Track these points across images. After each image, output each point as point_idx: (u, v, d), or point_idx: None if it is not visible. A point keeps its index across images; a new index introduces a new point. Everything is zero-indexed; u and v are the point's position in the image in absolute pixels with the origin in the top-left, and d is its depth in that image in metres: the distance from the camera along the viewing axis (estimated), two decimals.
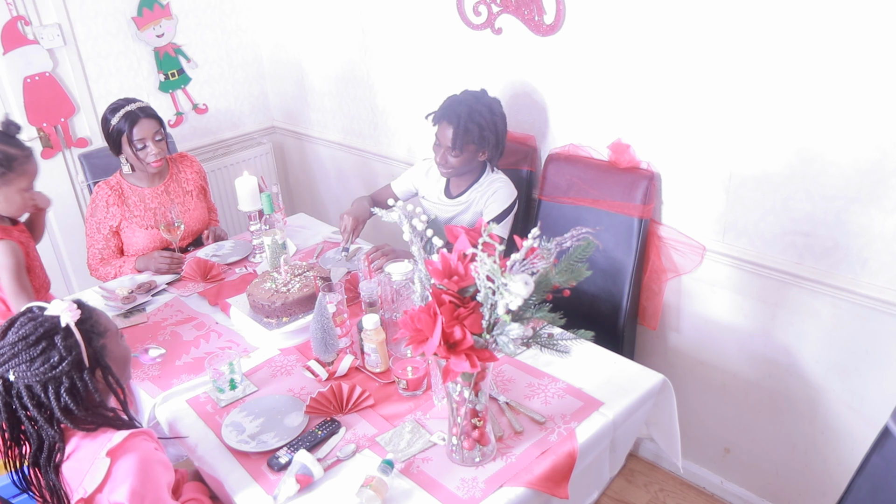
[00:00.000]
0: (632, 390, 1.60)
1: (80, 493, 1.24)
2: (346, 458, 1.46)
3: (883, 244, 1.67)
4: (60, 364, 1.23)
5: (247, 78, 3.46)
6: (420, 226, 1.35)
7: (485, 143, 2.09)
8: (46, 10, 2.77)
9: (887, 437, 1.36)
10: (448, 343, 1.20)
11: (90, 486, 1.23)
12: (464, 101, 2.09)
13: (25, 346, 1.22)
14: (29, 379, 1.22)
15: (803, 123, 1.71)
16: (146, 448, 1.28)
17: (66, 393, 1.24)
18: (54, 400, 1.23)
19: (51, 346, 1.23)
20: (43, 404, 1.24)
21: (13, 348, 1.22)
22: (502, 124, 2.13)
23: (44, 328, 1.24)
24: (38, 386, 1.23)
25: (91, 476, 1.23)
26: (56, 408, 1.24)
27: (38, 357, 1.22)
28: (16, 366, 1.22)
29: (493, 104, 2.12)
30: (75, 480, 1.26)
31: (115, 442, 1.24)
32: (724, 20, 1.76)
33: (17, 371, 1.22)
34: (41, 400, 1.23)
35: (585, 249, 1.26)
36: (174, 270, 2.28)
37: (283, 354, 1.85)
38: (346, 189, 3.36)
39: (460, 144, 2.07)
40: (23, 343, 1.23)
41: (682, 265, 2.08)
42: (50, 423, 1.25)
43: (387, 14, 2.69)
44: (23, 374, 1.22)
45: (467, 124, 2.05)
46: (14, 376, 1.22)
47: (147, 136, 2.31)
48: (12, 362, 1.22)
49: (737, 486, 2.25)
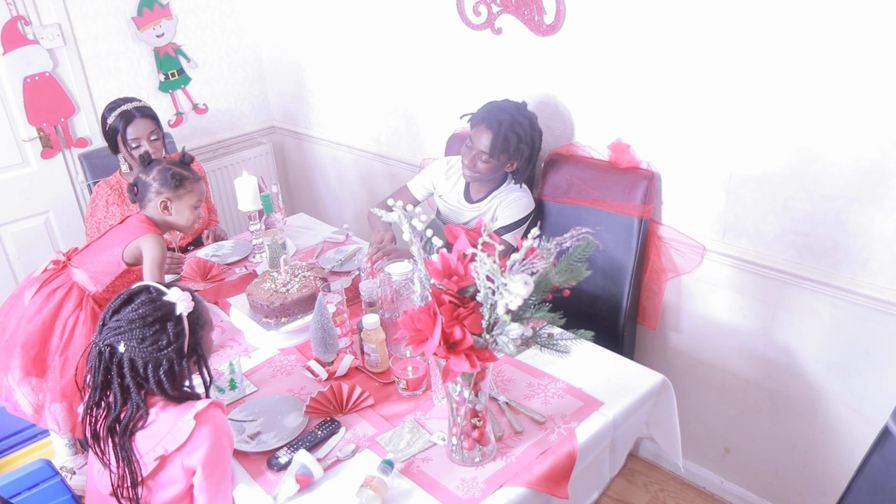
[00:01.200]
0: (632, 390, 1.60)
1: (158, 451, 1.33)
2: (346, 458, 1.46)
3: (883, 244, 1.67)
4: (167, 348, 1.35)
5: (247, 78, 3.46)
6: (420, 226, 1.35)
7: (519, 155, 2.08)
8: (46, 10, 2.77)
9: (887, 437, 1.36)
10: (448, 343, 1.20)
11: (171, 445, 1.33)
12: (506, 110, 2.06)
13: (141, 325, 1.34)
14: (135, 354, 1.33)
15: (803, 123, 1.71)
16: (222, 419, 1.39)
17: (164, 373, 1.35)
18: (152, 376, 1.34)
19: (162, 330, 1.35)
20: (140, 378, 1.35)
21: (130, 324, 1.34)
22: (539, 141, 2.13)
23: (161, 312, 1.36)
24: (141, 361, 1.34)
25: (173, 436, 1.33)
26: (153, 383, 1.35)
27: (149, 337, 1.34)
28: (128, 340, 1.33)
29: (534, 119, 2.12)
30: (149, 444, 1.34)
31: (198, 408, 1.35)
32: (724, 20, 1.76)
33: (128, 344, 1.33)
34: (140, 373, 1.34)
35: (585, 249, 1.26)
36: (174, 270, 2.28)
37: (283, 354, 1.85)
38: (346, 189, 3.36)
39: (497, 153, 2.05)
40: (140, 321, 1.34)
41: (682, 265, 2.08)
42: (139, 392, 1.35)
43: (387, 14, 2.69)
44: (132, 348, 1.33)
45: (507, 133, 2.02)
46: (123, 348, 1.33)
47: (142, 136, 2.30)
48: (126, 335, 1.33)
49: (737, 486, 2.25)
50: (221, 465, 1.37)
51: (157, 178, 1.97)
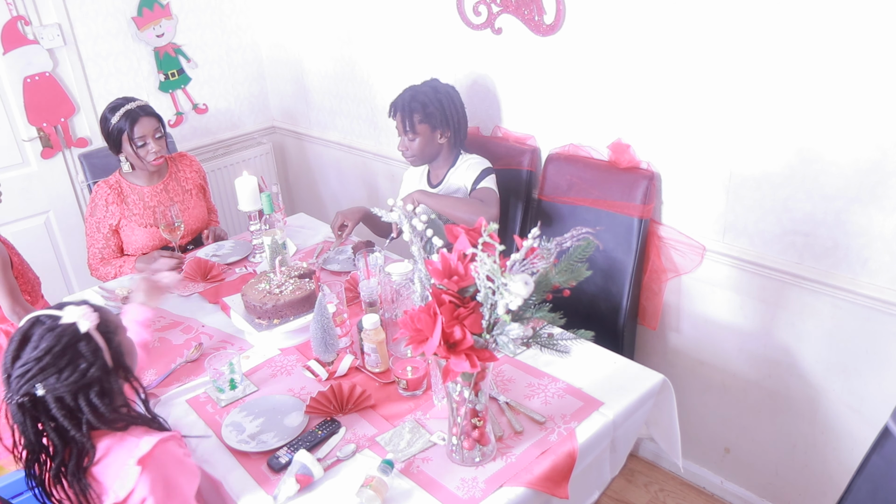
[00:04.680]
0: (632, 390, 1.60)
1: (111, 496, 1.24)
2: (346, 458, 1.46)
3: (883, 244, 1.67)
4: (90, 370, 1.23)
5: (247, 78, 3.46)
6: (420, 226, 1.35)
7: (432, 119, 2.16)
8: (46, 10, 2.77)
9: (887, 437, 1.36)
10: (448, 343, 1.20)
11: (122, 492, 1.23)
12: (409, 89, 2.20)
13: (53, 360, 1.21)
14: (59, 391, 1.21)
15: (803, 123, 1.71)
16: (173, 457, 1.28)
17: (97, 397, 1.24)
18: (86, 406, 1.23)
19: (77, 355, 1.23)
20: (73, 413, 1.23)
21: (39, 363, 1.21)
22: (449, 101, 2.18)
23: (67, 337, 1.23)
24: (69, 396, 1.22)
25: (122, 482, 1.23)
26: (88, 413, 1.23)
27: (66, 367, 1.21)
28: (44, 379, 1.20)
29: (439, 85, 2.21)
30: (107, 482, 1.25)
31: (143, 450, 1.23)
32: (724, 20, 1.77)
33: (46, 385, 1.20)
34: (72, 409, 1.23)
35: (585, 249, 1.26)
36: (174, 270, 2.27)
37: (283, 354, 1.85)
38: (346, 189, 3.36)
39: (409, 125, 2.16)
40: (49, 357, 1.21)
41: (682, 265, 2.08)
42: (79, 429, 1.24)
43: (387, 14, 2.70)
44: (52, 387, 1.21)
45: (410, 104, 2.15)
46: (43, 390, 1.21)
47: (147, 134, 2.31)
48: (40, 376, 1.20)
49: (737, 486, 2.25)
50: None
51: None
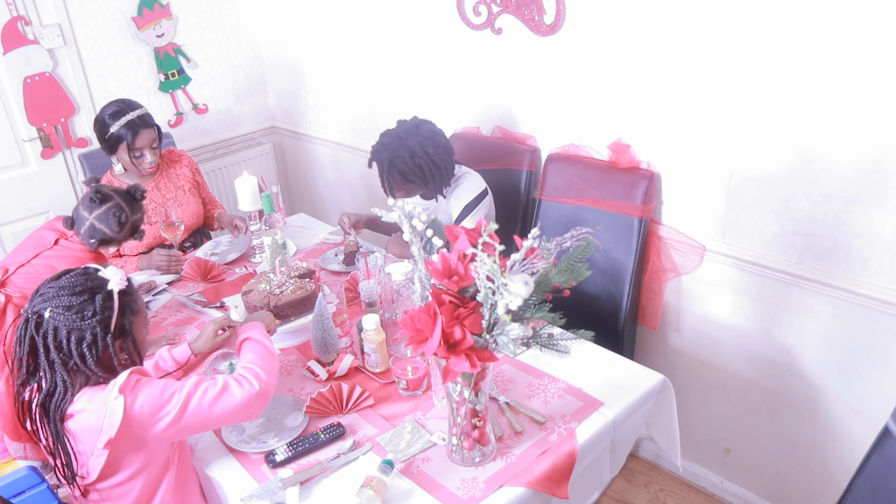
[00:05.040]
0: (632, 390, 1.60)
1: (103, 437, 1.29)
2: (347, 458, 1.46)
3: (883, 244, 1.67)
4: (91, 318, 1.32)
5: (247, 78, 3.46)
6: (420, 226, 1.35)
7: (413, 182, 2.12)
8: (46, 10, 2.77)
9: (887, 437, 1.36)
10: (448, 343, 1.20)
11: (112, 429, 1.28)
12: (387, 146, 2.10)
13: (69, 293, 1.33)
14: (59, 321, 1.31)
15: (803, 123, 1.71)
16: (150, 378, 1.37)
17: (87, 346, 1.32)
18: (75, 349, 1.32)
19: (90, 301, 1.33)
20: (62, 349, 1.32)
21: (59, 291, 1.33)
22: (428, 163, 2.09)
23: (91, 283, 1.35)
24: (64, 330, 1.31)
25: (110, 419, 1.28)
26: (76, 356, 1.32)
27: (75, 305, 1.32)
28: (54, 307, 1.31)
29: (416, 146, 2.07)
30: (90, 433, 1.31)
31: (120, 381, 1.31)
32: (724, 20, 1.76)
33: (53, 311, 1.31)
34: (62, 344, 1.31)
35: (585, 249, 1.26)
36: (174, 269, 2.28)
37: (283, 354, 1.85)
38: (346, 189, 3.36)
39: (391, 189, 2.15)
40: (69, 289, 1.33)
41: (682, 265, 2.08)
42: (65, 367, 1.32)
43: (387, 14, 2.70)
44: (56, 315, 1.31)
45: (390, 172, 2.11)
46: (49, 315, 1.31)
47: (145, 146, 2.35)
48: (53, 302, 1.32)
49: (737, 486, 2.25)
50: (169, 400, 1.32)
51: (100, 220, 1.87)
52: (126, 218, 1.88)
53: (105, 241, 1.89)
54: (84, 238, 1.88)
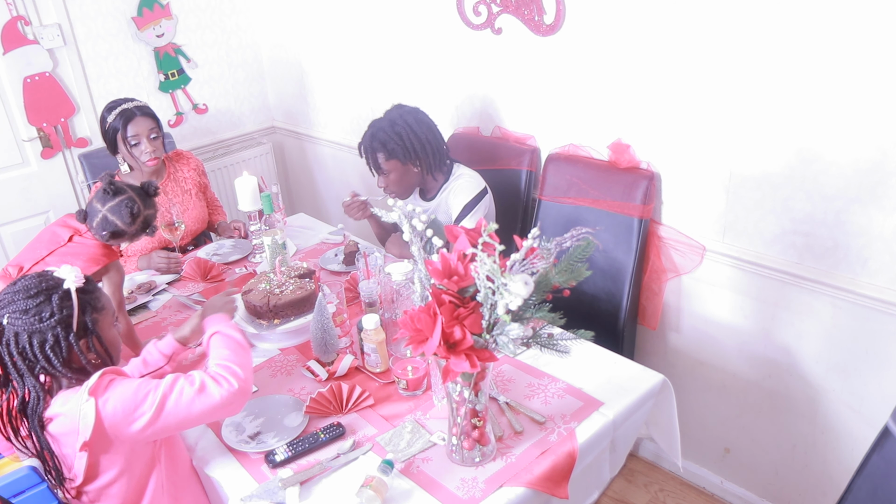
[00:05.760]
0: (632, 390, 1.60)
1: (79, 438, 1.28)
2: (347, 458, 1.46)
3: (883, 244, 1.67)
4: (49, 320, 1.29)
5: (247, 78, 3.46)
6: (420, 226, 1.35)
7: (396, 154, 2.12)
8: (46, 10, 2.77)
9: (887, 437, 1.36)
10: (448, 343, 1.20)
11: (87, 432, 1.27)
12: (370, 127, 2.16)
13: (24, 296, 1.30)
14: (18, 327, 1.28)
15: (803, 123, 1.71)
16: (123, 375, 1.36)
17: (50, 349, 1.30)
18: (39, 353, 1.29)
19: (46, 302, 1.30)
20: (27, 355, 1.29)
21: (14, 296, 1.30)
22: (408, 131, 2.11)
23: (46, 284, 1.32)
24: (25, 335, 1.29)
25: (84, 421, 1.27)
26: (42, 360, 1.30)
27: (32, 308, 1.29)
28: (11, 312, 1.29)
29: (397, 115, 2.14)
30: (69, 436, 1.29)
31: (91, 382, 1.29)
32: (724, 20, 1.76)
33: (10, 317, 1.29)
34: (25, 350, 1.29)
35: (585, 249, 1.26)
36: (173, 270, 2.28)
37: (283, 354, 1.85)
38: (346, 189, 3.36)
39: (376, 166, 2.16)
40: (23, 293, 1.30)
41: (682, 265, 2.08)
42: (32, 373, 1.31)
43: (387, 14, 2.70)
44: (14, 321, 1.29)
45: (372, 145, 2.14)
46: (6, 321, 1.29)
47: (142, 133, 2.30)
48: (9, 308, 1.29)
49: (737, 486, 2.25)
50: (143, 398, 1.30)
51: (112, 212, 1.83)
52: (139, 210, 1.85)
53: (116, 233, 1.86)
54: (96, 231, 1.86)
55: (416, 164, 2.15)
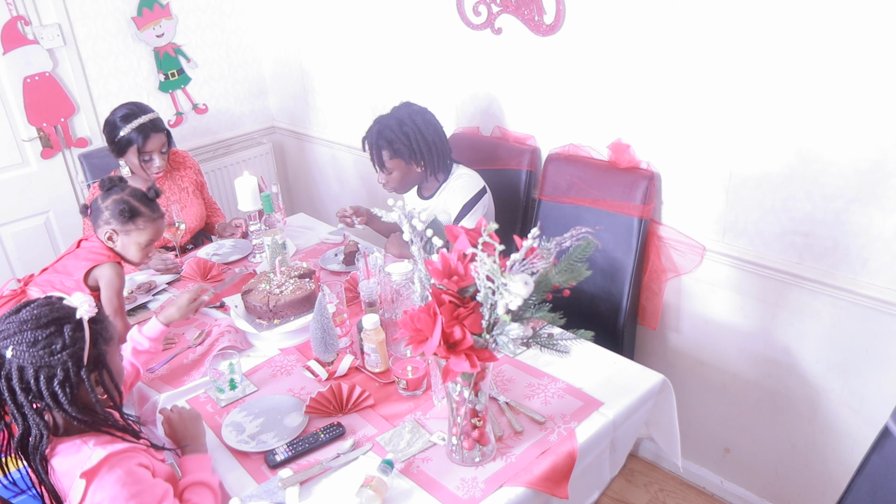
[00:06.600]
0: (632, 390, 1.60)
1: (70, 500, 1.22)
2: (351, 460, 1.46)
3: (883, 244, 1.67)
4: (61, 353, 1.19)
5: (247, 78, 3.46)
6: (420, 226, 1.35)
7: (401, 154, 2.12)
8: (46, 10, 2.77)
9: (887, 437, 1.36)
10: (448, 343, 1.20)
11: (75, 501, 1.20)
12: (377, 122, 2.16)
13: (33, 326, 1.18)
14: (24, 360, 1.17)
15: (803, 123, 1.71)
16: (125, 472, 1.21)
17: (59, 384, 1.19)
18: (45, 388, 1.18)
19: (58, 333, 1.19)
20: (30, 390, 1.19)
21: (21, 325, 1.18)
22: (415, 132, 2.11)
23: (57, 314, 1.21)
24: (31, 369, 1.18)
25: (74, 491, 1.19)
26: (47, 396, 1.19)
27: (42, 340, 1.18)
28: (17, 343, 1.17)
29: (405, 115, 2.14)
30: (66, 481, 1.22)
31: (90, 463, 1.19)
32: (724, 20, 1.76)
33: (16, 349, 1.17)
34: (30, 385, 1.18)
35: (585, 249, 1.26)
36: (172, 271, 2.28)
37: (283, 354, 1.85)
38: (346, 189, 3.36)
39: (380, 162, 2.15)
40: (32, 322, 1.19)
41: (682, 265, 2.08)
42: (36, 410, 1.21)
43: (387, 14, 2.70)
44: (20, 353, 1.17)
45: (378, 142, 2.13)
46: (11, 354, 1.17)
47: (155, 150, 2.36)
48: (14, 338, 1.18)
49: (737, 486, 2.25)
50: None
51: (110, 208, 1.83)
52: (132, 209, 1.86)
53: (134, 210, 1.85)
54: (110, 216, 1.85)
55: (419, 165, 2.16)
